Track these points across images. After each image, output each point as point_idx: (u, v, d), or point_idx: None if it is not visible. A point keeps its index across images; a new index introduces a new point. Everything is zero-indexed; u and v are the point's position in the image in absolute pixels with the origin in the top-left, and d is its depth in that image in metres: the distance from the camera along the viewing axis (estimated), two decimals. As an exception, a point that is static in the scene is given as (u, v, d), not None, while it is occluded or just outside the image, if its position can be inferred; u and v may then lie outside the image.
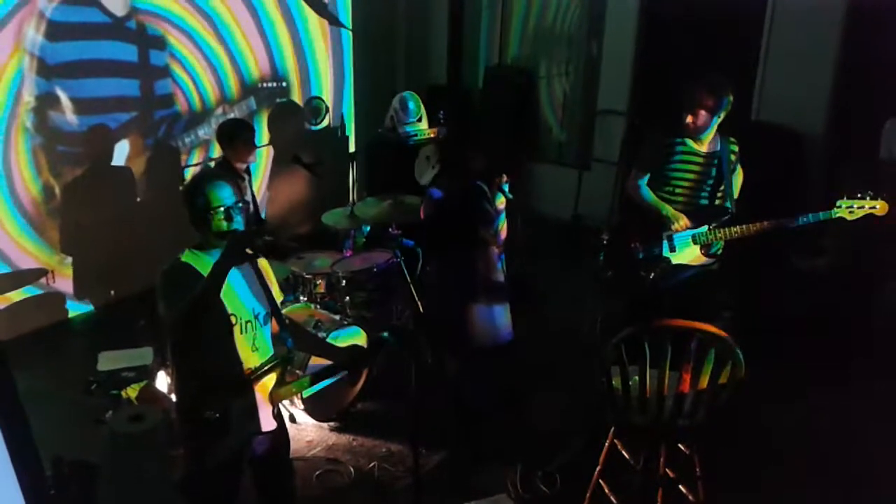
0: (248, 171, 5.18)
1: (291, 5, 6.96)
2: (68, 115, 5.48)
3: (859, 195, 3.95)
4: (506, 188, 3.95)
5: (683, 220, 4.22)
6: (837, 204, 3.97)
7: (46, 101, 5.34)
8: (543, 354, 5.12)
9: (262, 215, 5.63)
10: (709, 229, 4.21)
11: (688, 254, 4.27)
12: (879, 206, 3.94)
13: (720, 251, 4.30)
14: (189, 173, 6.23)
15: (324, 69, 7.43)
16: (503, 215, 4.08)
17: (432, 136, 6.86)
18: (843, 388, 4.74)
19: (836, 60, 6.24)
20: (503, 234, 4.10)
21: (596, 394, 3.75)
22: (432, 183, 4.22)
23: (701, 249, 4.25)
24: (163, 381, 4.46)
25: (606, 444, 3.62)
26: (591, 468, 3.69)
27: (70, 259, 5.61)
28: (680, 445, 3.66)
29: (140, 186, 6.01)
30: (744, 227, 4.12)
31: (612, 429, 3.61)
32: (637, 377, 3.39)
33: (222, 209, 2.94)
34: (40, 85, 5.29)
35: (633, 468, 3.74)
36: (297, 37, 7.07)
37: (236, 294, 2.98)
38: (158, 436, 3.65)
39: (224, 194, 2.96)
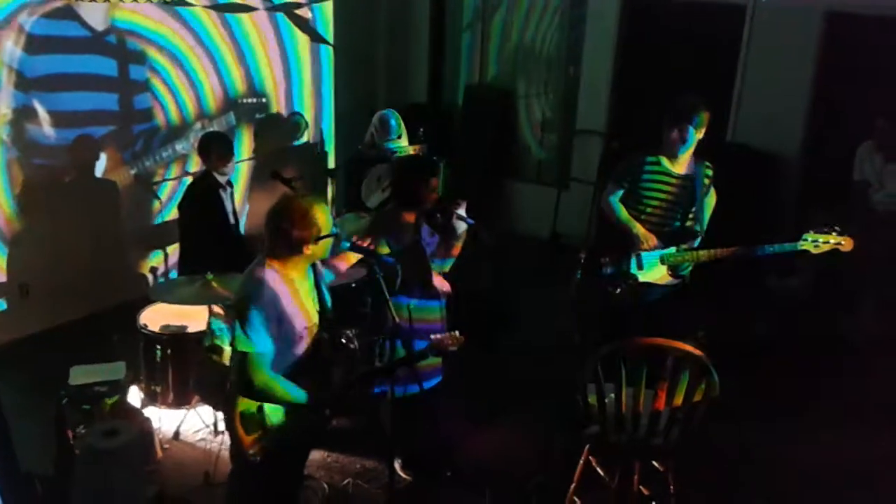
0: (229, 182, 5.20)
1: (280, 21, 6.99)
2: (45, 129, 5.44)
3: (826, 230, 3.99)
4: (463, 213, 3.87)
5: (652, 240, 4.25)
6: (804, 237, 4.01)
7: (24, 114, 5.31)
8: (519, 372, 5.13)
9: (242, 230, 5.63)
10: (677, 250, 4.24)
11: (655, 273, 4.29)
12: (844, 243, 3.96)
13: (688, 272, 4.33)
14: (166, 188, 6.21)
15: (305, 85, 7.45)
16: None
17: (412, 153, 6.88)
18: (815, 406, 4.79)
19: (811, 85, 6.35)
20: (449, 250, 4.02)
21: (572, 411, 3.75)
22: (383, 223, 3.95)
23: (668, 270, 4.28)
24: (135, 396, 4.43)
25: (581, 461, 3.63)
26: (566, 485, 3.69)
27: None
28: (654, 463, 3.67)
29: (118, 200, 5.97)
30: (711, 251, 4.15)
31: (588, 446, 3.62)
32: (613, 395, 3.40)
33: (333, 234, 3.06)
34: (18, 98, 5.26)
35: (608, 485, 3.75)
36: (279, 52, 7.09)
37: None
38: (133, 451, 3.62)
39: (330, 218, 3.05)
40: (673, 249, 4.24)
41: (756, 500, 4.08)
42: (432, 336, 3.43)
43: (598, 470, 3.74)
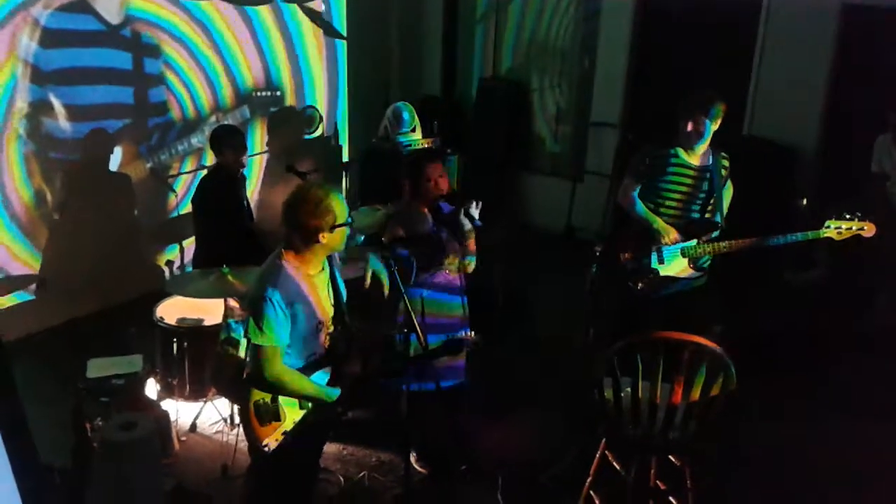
0: (242, 175, 5.21)
1: (287, 14, 6.98)
2: (61, 122, 5.46)
3: (847, 216, 3.99)
4: (475, 213, 3.87)
5: (673, 233, 4.24)
6: (826, 224, 4.02)
7: (40, 108, 5.33)
8: (533, 366, 5.13)
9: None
10: (698, 243, 4.23)
11: (676, 266, 4.28)
12: (867, 228, 3.98)
13: (708, 264, 4.32)
14: (182, 180, 6.22)
15: (318, 78, 7.44)
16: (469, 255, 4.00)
17: (426, 146, 6.88)
18: (834, 401, 4.76)
19: (828, 75, 6.30)
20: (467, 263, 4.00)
21: (588, 405, 3.75)
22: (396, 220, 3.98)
23: (689, 263, 4.27)
24: (152, 389, 4.45)
25: (598, 455, 3.62)
26: (583, 479, 3.69)
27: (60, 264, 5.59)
28: (671, 457, 3.66)
29: (134, 193, 6.00)
30: (732, 242, 4.15)
31: (604, 440, 3.61)
32: (629, 389, 3.39)
33: (349, 223, 3.07)
34: (34, 92, 5.28)
35: (624, 480, 3.74)
36: (292, 45, 7.08)
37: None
38: (150, 443, 3.64)
39: (346, 207, 3.06)
40: (694, 242, 4.22)
41: (772, 495, 4.06)
42: (461, 335, 3.43)
43: (615, 464, 3.72)
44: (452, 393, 3.93)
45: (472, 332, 3.48)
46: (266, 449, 3.07)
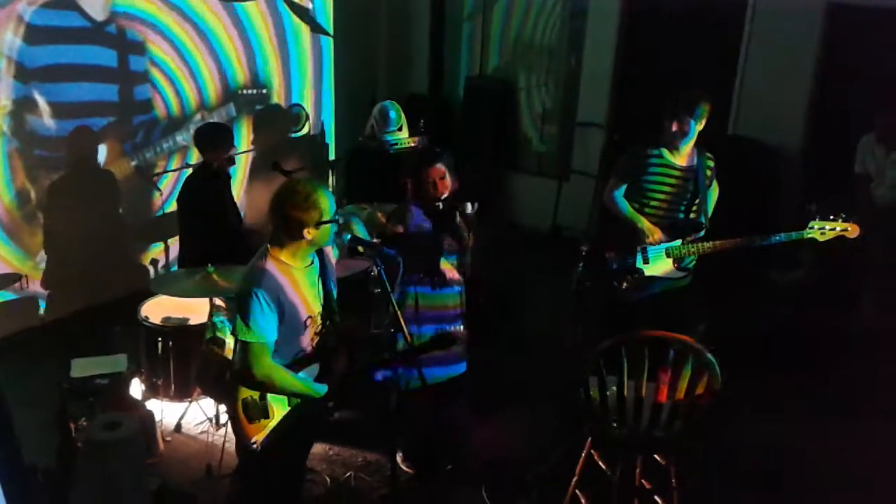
0: (227, 174, 5.18)
1: (279, 10, 6.95)
2: (46, 120, 5.42)
3: (831, 217, 4.02)
4: (469, 212, 3.89)
5: (658, 233, 4.26)
6: (809, 225, 4.05)
7: (24, 106, 5.28)
8: (519, 365, 5.13)
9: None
10: (682, 243, 4.25)
11: (661, 266, 4.30)
12: (851, 229, 4.01)
13: (692, 264, 4.34)
14: (167, 179, 6.19)
15: (305, 76, 7.42)
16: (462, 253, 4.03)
17: (412, 145, 6.87)
18: (817, 400, 4.79)
19: (813, 76, 6.33)
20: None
21: (574, 404, 3.76)
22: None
23: (674, 262, 4.29)
24: (137, 389, 4.43)
25: (583, 454, 3.63)
26: (568, 478, 3.69)
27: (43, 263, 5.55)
28: (656, 456, 3.68)
29: (118, 191, 5.96)
30: (717, 242, 4.17)
31: (590, 439, 3.62)
32: (615, 388, 3.40)
33: (335, 220, 3.06)
34: (18, 89, 5.23)
35: (610, 479, 3.76)
36: (280, 43, 7.05)
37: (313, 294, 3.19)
38: (134, 443, 3.63)
39: (333, 204, 3.05)
40: (678, 242, 4.24)
41: (756, 495, 4.09)
42: (451, 329, 3.43)
43: (601, 463, 3.74)
44: (440, 390, 3.93)
45: (462, 327, 3.49)
46: (254, 447, 3.07)
